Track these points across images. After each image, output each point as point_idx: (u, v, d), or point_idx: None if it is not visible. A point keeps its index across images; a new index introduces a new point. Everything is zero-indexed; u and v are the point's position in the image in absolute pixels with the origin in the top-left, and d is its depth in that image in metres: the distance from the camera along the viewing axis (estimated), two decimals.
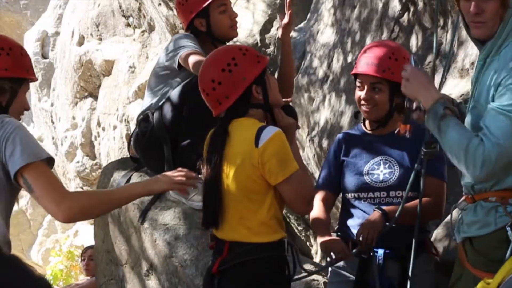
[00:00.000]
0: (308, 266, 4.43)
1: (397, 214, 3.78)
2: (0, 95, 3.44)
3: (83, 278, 9.26)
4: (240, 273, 3.43)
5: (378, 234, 3.78)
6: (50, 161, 3.31)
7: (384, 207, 3.86)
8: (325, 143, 5.75)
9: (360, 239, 3.81)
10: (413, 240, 3.74)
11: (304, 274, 3.99)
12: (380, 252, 3.86)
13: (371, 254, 3.85)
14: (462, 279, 3.17)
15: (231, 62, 3.47)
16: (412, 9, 5.48)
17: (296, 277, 3.75)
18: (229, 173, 3.47)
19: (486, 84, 3.02)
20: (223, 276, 3.46)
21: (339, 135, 4.25)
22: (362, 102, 3.98)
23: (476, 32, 3.08)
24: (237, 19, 5.07)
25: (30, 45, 13.93)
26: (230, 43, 5.40)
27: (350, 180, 4.03)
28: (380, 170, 3.97)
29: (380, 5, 5.78)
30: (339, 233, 4.07)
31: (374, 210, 3.86)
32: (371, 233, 3.79)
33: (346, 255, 3.85)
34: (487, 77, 3.02)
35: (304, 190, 3.48)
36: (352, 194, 4.02)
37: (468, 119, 3.11)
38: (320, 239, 3.95)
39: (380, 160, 3.99)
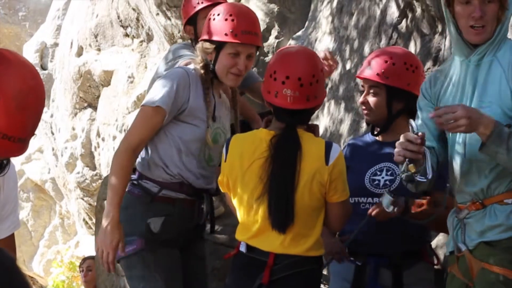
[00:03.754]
0: None
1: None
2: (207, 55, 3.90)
3: None
4: (290, 283, 3.44)
5: (386, 219, 3.74)
6: (160, 110, 3.73)
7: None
8: None
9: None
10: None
11: None
12: (373, 259, 3.86)
13: (365, 261, 3.86)
14: (480, 282, 3.12)
15: None
16: (410, 15, 5.48)
17: None
18: (295, 187, 3.45)
19: (496, 84, 3.06)
20: (272, 286, 3.45)
21: (348, 141, 4.28)
22: (361, 105, 4.03)
23: (475, 37, 3.09)
24: None
25: (29, 57, 13.94)
26: None
27: (351, 184, 4.02)
28: (382, 177, 3.96)
29: (378, 12, 5.79)
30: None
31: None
32: (381, 216, 3.74)
33: (343, 255, 3.86)
34: (495, 77, 3.08)
35: (350, 210, 3.65)
36: (352, 199, 4.01)
37: None
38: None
39: (384, 166, 3.98)
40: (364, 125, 5.43)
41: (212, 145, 3.89)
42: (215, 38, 3.85)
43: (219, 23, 3.86)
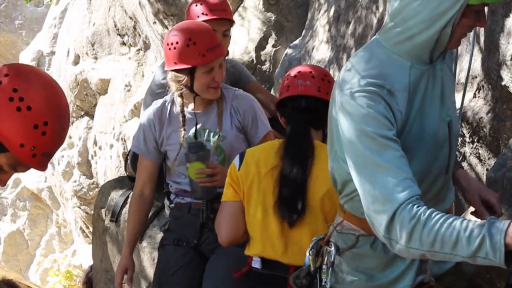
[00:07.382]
0: None
1: None
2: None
3: None
4: None
5: None
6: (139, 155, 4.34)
7: None
8: None
9: None
10: None
11: None
12: None
13: None
14: None
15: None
16: None
17: None
18: (314, 195, 3.34)
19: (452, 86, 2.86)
20: None
21: None
22: None
23: (457, 44, 2.64)
24: (232, 36, 5.08)
25: None
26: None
27: None
28: None
29: (375, 20, 5.80)
30: None
31: None
32: None
33: None
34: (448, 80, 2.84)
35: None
36: None
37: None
38: None
39: None
40: None
41: None
42: (184, 66, 4.02)
43: (182, 50, 4.01)
